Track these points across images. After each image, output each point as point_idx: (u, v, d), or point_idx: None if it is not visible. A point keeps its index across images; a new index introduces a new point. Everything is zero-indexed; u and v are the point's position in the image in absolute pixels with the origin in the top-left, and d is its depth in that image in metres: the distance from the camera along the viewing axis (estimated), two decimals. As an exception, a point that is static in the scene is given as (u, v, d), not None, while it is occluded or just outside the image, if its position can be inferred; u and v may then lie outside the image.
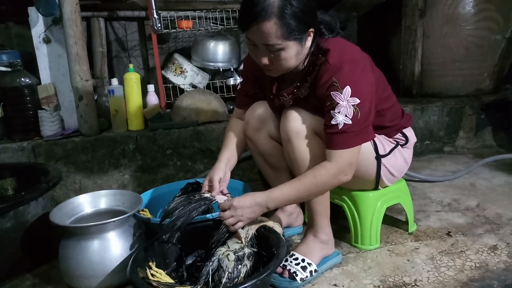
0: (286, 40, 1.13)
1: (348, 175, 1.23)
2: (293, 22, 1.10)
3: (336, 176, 1.22)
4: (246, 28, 1.15)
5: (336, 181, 1.23)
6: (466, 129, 2.69)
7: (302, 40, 1.17)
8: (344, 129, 1.18)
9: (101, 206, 1.51)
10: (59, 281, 1.41)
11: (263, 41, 1.14)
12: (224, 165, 1.41)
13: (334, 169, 1.21)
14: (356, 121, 1.18)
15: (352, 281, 1.33)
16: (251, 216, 1.22)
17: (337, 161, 1.20)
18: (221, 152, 1.46)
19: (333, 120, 1.19)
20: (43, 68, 2.26)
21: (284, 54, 1.16)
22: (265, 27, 1.10)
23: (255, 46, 1.18)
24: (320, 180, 1.21)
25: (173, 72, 2.57)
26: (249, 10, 1.11)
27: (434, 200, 1.93)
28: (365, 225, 1.50)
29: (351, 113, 1.17)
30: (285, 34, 1.11)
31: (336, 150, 1.20)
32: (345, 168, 1.21)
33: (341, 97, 1.17)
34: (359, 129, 1.19)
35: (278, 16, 1.09)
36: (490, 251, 1.46)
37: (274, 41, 1.12)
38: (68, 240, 1.33)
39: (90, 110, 2.16)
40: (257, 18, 1.10)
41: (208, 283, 1.18)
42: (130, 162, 2.18)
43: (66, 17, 2.04)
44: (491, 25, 2.65)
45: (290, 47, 1.15)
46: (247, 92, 1.49)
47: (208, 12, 2.57)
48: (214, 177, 1.36)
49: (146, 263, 1.21)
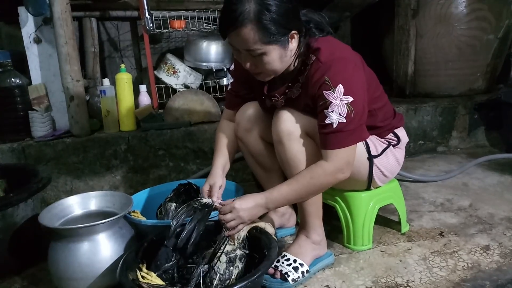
0: (265, 45, 1.12)
1: (345, 173, 1.22)
2: (271, 26, 1.10)
3: (334, 175, 1.21)
4: (225, 35, 1.16)
5: (334, 179, 1.22)
6: (459, 129, 2.70)
7: (284, 43, 1.16)
8: (338, 128, 1.17)
9: (91, 207, 1.50)
10: (48, 284, 1.39)
11: (243, 46, 1.14)
12: (221, 172, 1.41)
13: (332, 168, 1.20)
14: (350, 119, 1.17)
15: (344, 282, 1.32)
16: (252, 218, 1.22)
17: (334, 160, 1.19)
18: (216, 158, 1.45)
19: (327, 119, 1.18)
20: (34, 68, 2.24)
21: (266, 58, 1.15)
22: (243, 33, 1.11)
23: (239, 51, 1.18)
24: (318, 179, 1.20)
25: (166, 72, 2.55)
26: (226, 17, 1.12)
27: (427, 200, 1.93)
28: (357, 226, 1.50)
29: (345, 111, 1.16)
30: (264, 39, 1.11)
31: (332, 150, 1.19)
32: (343, 166, 1.20)
33: (334, 96, 1.16)
34: (354, 127, 1.18)
35: (255, 22, 1.09)
36: (482, 251, 1.46)
37: (253, 46, 1.12)
38: (57, 242, 1.31)
39: (81, 111, 2.14)
40: (234, 25, 1.10)
41: (199, 285, 1.17)
42: (122, 163, 2.16)
43: (57, 16, 2.03)
44: (483, 25, 2.66)
45: (271, 51, 1.14)
46: (238, 92, 1.48)
47: (201, 12, 2.56)
48: (216, 183, 1.36)
49: (137, 265, 1.20)
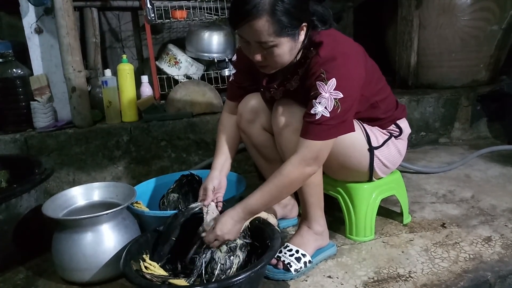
0: (278, 37, 1.11)
1: (312, 166, 1.19)
2: (285, 18, 1.09)
3: (301, 168, 1.18)
4: (237, 26, 1.13)
5: (301, 173, 1.19)
6: (462, 120, 2.69)
7: (295, 36, 1.15)
8: (320, 120, 1.15)
9: (94, 198, 1.50)
10: (52, 274, 1.40)
11: (255, 38, 1.12)
12: (218, 173, 1.41)
13: (298, 159, 1.18)
14: (334, 115, 1.15)
15: (346, 273, 1.33)
16: (236, 235, 1.23)
17: (302, 151, 1.18)
18: (215, 157, 1.45)
19: (313, 109, 1.16)
20: (35, 58, 2.23)
21: (277, 51, 1.14)
22: (257, 25, 1.09)
23: (248, 43, 1.16)
24: (286, 175, 1.18)
25: (167, 63, 2.54)
26: (239, 8, 1.10)
27: (429, 191, 1.93)
28: (359, 217, 1.50)
29: (331, 106, 1.15)
30: (278, 31, 1.10)
31: (307, 139, 1.18)
32: (310, 159, 1.18)
33: (325, 88, 1.15)
34: (336, 123, 1.17)
35: (270, 13, 1.07)
36: (484, 242, 1.47)
37: (266, 38, 1.11)
38: (61, 232, 1.32)
39: (83, 102, 2.14)
40: (248, 16, 1.08)
41: (201, 275, 1.18)
42: (124, 154, 2.17)
43: (58, 6, 2.01)
44: (487, 15, 2.64)
45: (283, 43, 1.13)
46: (241, 83, 1.47)
47: (203, 2, 2.53)
48: (208, 186, 1.37)
49: (140, 256, 1.21)
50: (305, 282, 1.30)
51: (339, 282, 1.28)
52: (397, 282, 1.26)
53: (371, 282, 1.27)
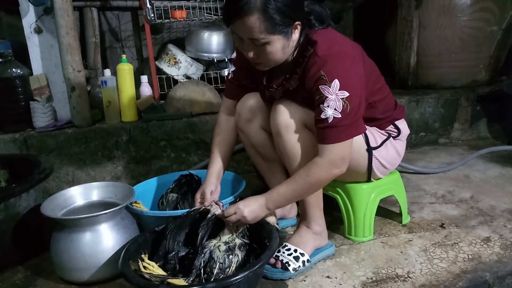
0: (270, 34, 1.12)
1: (340, 167, 1.22)
2: (277, 16, 1.09)
3: (329, 171, 1.21)
4: (229, 23, 1.14)
5: (329, 175, 1.22)
6: (461, 120, 2.69)
7: (288, 34, 1.15)
8: (334, 123, 1.17)
9: (93, 198, 1.50)
10: (51, 274, 1.40)
11: (247, 35, 1.13)
12: (215, 179, 1.44)
13: (326, 164, 1.20)
14: (345, 114, 1.17)
15: (345, 273, 1.33)
16: (255, 219, 1.24)
17: (328, 155, 1.20)
18: (211, 163, 1.47)
19: (323, 114, 1.18)
20: (35, 58, 2.23)
21: (269, 48, 1.15)
22: (249, 22, 1.10)
23: (241, 40, 1.17)
24: (314, 177, 1.21)
25: (167, 63, 2.54)
26: (232, 5, 1.11)
27: (428, 192, 1.93)
28: (358, 217, 1.50)
29: (340, 106, 1.16)
30: (269, 28, 1.11)
31: (327, 144, 1.19)
32: (337, 161, 1.21)
33: (330, 91, 1.16)
34: (349, 122, 1.18)
35: (261, 11, 1.08)
36: (483, 243, 1.46)
37: (258, 35, 1.12)
38: (59, 232, 1.32)
39: (82, 101, 2.14)
40: (240, 13, 1.09)
41: (200, 275, 1.18)
42: (124, 154, 2.17)
43: (57, 6, 2.01)
44: (487, 16, 2.64)
45: (275, 41, 1.14)
46: (240, 81, 1.47)
47: (202, 2, 2.53)
48: (206, 190, 1.39)
49: (138, 256, 1.21)
50: (304, 282, 1.30)
51: (337, 282, 1.28)
52: (396, 282, 1.26)
53: (369, 283, 1.27)
